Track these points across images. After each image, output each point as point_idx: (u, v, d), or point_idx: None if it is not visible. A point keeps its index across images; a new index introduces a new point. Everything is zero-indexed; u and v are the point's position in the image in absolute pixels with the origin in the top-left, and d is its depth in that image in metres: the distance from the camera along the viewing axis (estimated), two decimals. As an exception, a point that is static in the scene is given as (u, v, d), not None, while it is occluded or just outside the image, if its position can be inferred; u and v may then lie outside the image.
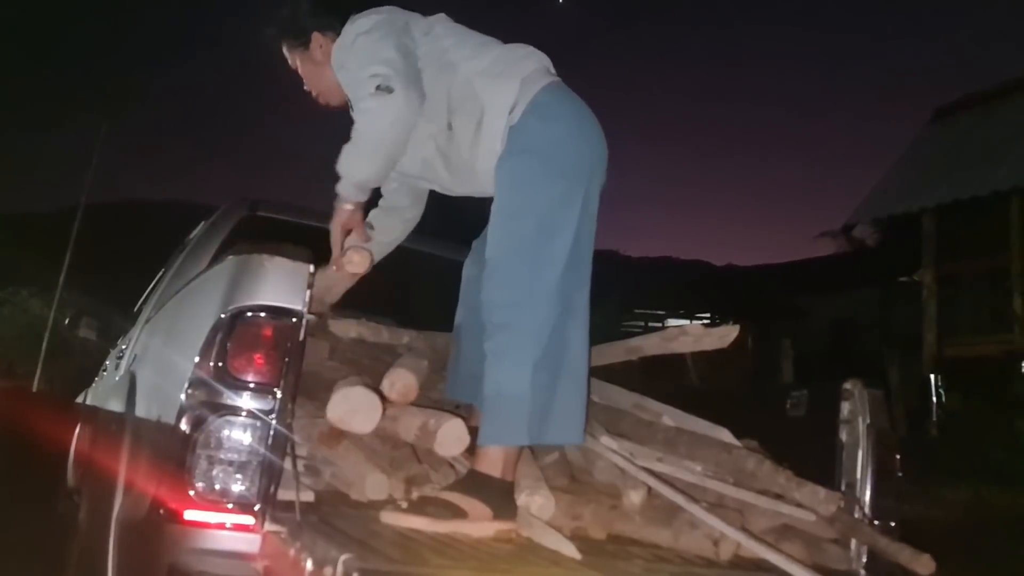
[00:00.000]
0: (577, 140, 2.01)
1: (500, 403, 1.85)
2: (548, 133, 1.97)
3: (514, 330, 1.87)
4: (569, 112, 2.04)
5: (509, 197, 1.97)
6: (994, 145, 9.15)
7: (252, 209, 3.24)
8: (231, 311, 1.66)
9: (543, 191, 1.94)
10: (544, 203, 1.93)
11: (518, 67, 2.03)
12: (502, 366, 1.86)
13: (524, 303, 1.88)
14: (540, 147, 1.96)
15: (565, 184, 1.95)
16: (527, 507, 1.80)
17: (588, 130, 2.05)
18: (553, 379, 1.87)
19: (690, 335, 2.15)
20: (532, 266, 1.90)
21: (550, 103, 2.00)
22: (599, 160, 2.04)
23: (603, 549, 1.80)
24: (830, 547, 2.05)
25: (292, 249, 1.69)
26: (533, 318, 1.87)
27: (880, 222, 12.85)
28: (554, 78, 2.08)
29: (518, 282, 1.89)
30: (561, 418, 1.90)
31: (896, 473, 2.13)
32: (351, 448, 1.94)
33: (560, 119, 2.00)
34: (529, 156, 1.95)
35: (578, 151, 2.00)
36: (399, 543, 1.54)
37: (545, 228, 1.92)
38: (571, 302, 1.94)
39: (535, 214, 1.93)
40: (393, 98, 1.92)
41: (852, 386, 2.16)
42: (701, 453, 2.11)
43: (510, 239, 1.94)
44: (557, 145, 1.97)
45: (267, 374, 1.64)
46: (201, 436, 1.61)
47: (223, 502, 1.59)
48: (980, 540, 4.81)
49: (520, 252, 1.91)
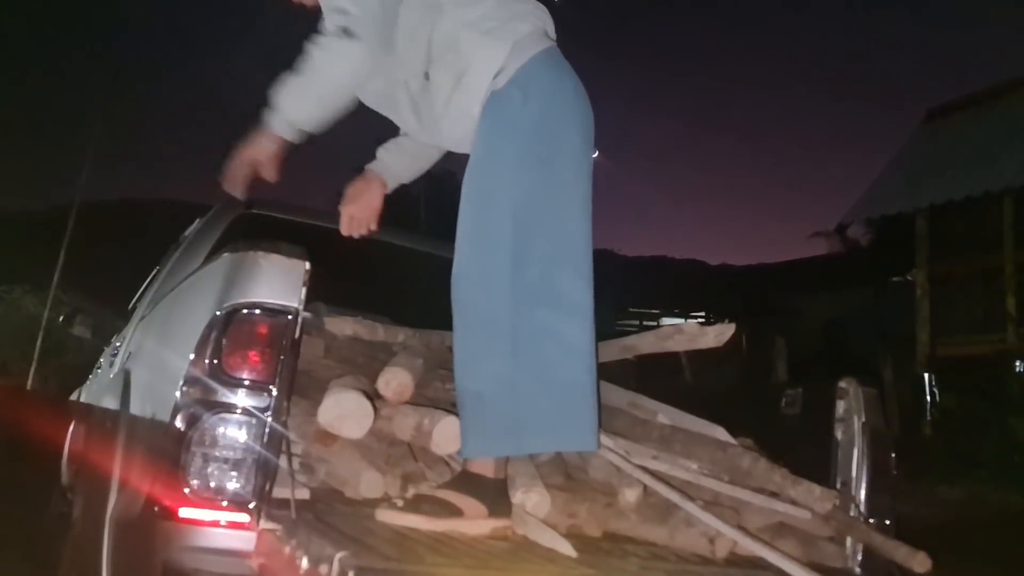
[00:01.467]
0: (558, 123, 1.85)
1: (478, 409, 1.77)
2: (529, 111, 1.81)
3: (482, 329, 1.76)
4: (555, 89, 1.87)
5: (480, 180, 1.84)
6: (986, 146, 9.19)
7: (248, 207, 3.23)
8: (226, 308, 1.65)
9: (518, 178, 1.80)
10: (517, 191, 1.79)
11: (510, 27, 1.87)
12: (469, 369, 1.78)
13: (496, 300, 1.76)
14: (518, 127, 1.81)
15: (543, 171, 1.81)
16: (522, 505, 1.81)
17: (571, 111, 1.89)
18: (539, 381, 1.75)
19: (685, 334, 2.15)
20: (503, 260, 1.76)
21: (537, 76, 1.84)
22: (583, 141, 1.89)
23: (599, 547, 1.80)
24: (826, 545, 2.05)
25: (287, 247, 1.69)
26: (505, 317, 1.74)
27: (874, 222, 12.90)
28: (549, 44, 1.92)
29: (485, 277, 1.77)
30: (559, 423, 1.77)
31: (891, 471, 2.14)
32: (346, 446, 1.94)
33: (543, 96, 1.84)
34: (506, 137, 1.81)
35: (561, 134, 1.85)
36: (395, 541, 1.54)
37: (517, 218, 1.77)
38: (562, 299, 1.78)
39: (507, 202, 1.79)
40: (352, 46, 1.78)
41: (847, 384, 2.16)
42: (696, 451, 2.11)
43: (478, 229, 1.81)
44: (537, 126, 1.82)
45: (262, 372, 1.63)
46: (196, 434, 1.60)
47: (218, 500, 1.58)
48: (975, 538, 4.83)
49: (489, 245, 1.78)
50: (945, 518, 5.30)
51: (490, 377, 1.75)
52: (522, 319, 1.75)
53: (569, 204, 1.84)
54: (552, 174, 1.83)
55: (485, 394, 1.75)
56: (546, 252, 1.79)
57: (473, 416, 1.78)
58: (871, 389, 2.16)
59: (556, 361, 1.77)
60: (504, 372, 1.74)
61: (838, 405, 2.16)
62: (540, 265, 1.77)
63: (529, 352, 1.75)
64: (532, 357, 1.75)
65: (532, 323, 1.76)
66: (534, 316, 1.76)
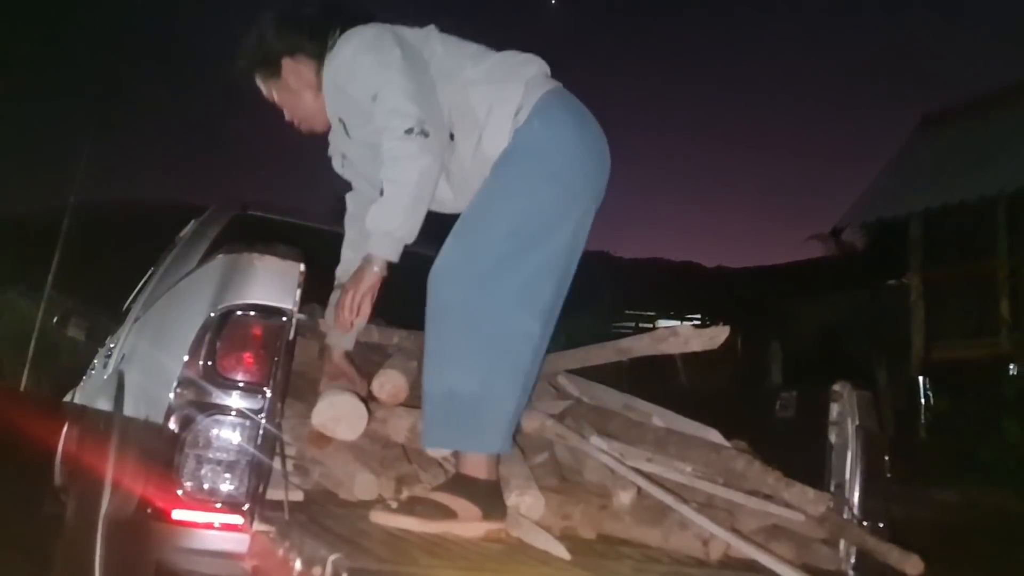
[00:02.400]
0: (579, 148, 1.93)
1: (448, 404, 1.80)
2: (551, 137, 1.89)
3: (461, 329, 1.79)
4: (573, 119, 1.95)
5: (490, 189, 1.88)
6: (981, 151, 9.21)
7: (243, 208, 3.23)
8: (220, 310, 1.66)
9: (533, 193, 1.86)
10: (521, 202, 1.86)
11: (520, 71, 1.96)
12: (443, 370, 1.81)
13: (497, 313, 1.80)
14: (541, 149, 1.88)
15: (560, 190, 1.88)
16: (517, 507, 1.80)
17: (591, 140, 1.96)
18: (519, 389, 1.82)
19: (680, 336, 2.15)
20: (497, 268, 1.80)
21: (555, 106, 1.93)
22: (600, 171, 1.96)
23: (593, 549, 1.80)
24: (819, 547, 2.06)
25: (282, 248, 1.69)
26: (485, 318, 1.79)
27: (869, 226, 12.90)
28: (556, 83, 2.00)
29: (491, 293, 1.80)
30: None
31: (885, 474, 2.15)
32: (340, 448, 1.93)
33: (564, 124, 1.92)
34: (528, 157, 1.88)
35: (579, 159, 1.92)
36: (388, 543, 1.54)
37: (523, 232, 1.83)
38: (550, 315, 1.87)
39: (509, 211, 1.85)
40: (429, 143, 1.81)
41: (841, 387, 2.17)
42: (691, 453, 2.11)
43: (481, 234, 1.85)
44: (558, 150, 1.89)
45: (256, 373, 1.64)
46: (189, 435, 1.60)
47: (211, 501, 1.59)
48: (969, 541, 4.83)
49: (488, 251, 1.82)
50: (939, 521, 5.30)
51: (464, 375, 1.79)
52: (502, 322, 1.80)
53: (575, 226, 1.89)
54: (567, 195, 1.89)
55: (457, 391, 1.79)
56: (542, 264, 1.84)
57: (441, 410, 1.81)
58: (865, 392, 2.17)
59: (527, 365, 1.84)
60: (479, 372, 1.78)
61: (832, 408, 2.16)
62: (527, 274, 1.82)
63: (505, 355, 1.80)
64: (508, 359, 1.81)
65: (511, 327, 1.81)
66: (514, 320, 1.81)
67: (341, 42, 1.98)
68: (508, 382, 1.81)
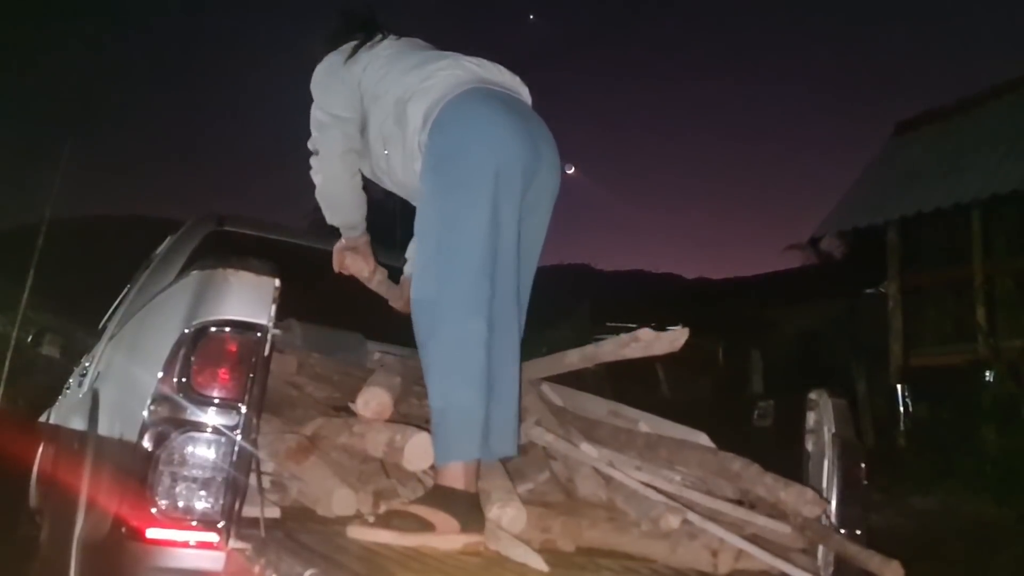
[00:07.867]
0: (477, 147, 1.93)
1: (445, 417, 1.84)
2: (445, 144, 1.94)
3: (431, 346, 1.86)
4: (470, 119, 1.97)
5: (419, 214, 2.01)
6: (956, 158, 9.30)
7: (219, 224, 3.21)
8: (195, 326, 1.64)
9: (440, 205, 1.93)
10: (442, 217, 1.92)
11: (430, 84, 2.02)
12: (432, 380, 1.86)
13: (438, 320, 1.86)
14: (438, 160, 1.95)
15: (470, 195, 1.90)
16: (498, 520, 1.79)
17: (494, 135, 1.95)
18: (482, 392, 1.85)
19: (641, 341, 2.16)
20: (439, 282, 1.88)
21: (451, 114, 1.96)
22: (512, 163, 1.94)
23: (571, 561, 1.80)
24: (799, 557, 2.06)
25: (257, 263, 1.68)
26: (448, 334, 1.85)
27: (846, 234, 13.01)
28: (471, 85, 2.02)
29: (428, 302, 1.88)
30: (497, 432, 1.93)
31: (862, 481, 2.15)
32: (318, 463, 1.92)
33: (457, 127, 1.95)
34: (431, 172, 1.96)
35: (479, 158, 1.92)
36: (365, 558, 1.53)
37: (444, 243, 1.89)
38: (493, 315, 1.89)
39: (435, 230, 1.93)
40: (316, 160, 2.19)
41: (817, 396, 2.18)
42: (685, 456, 2.11)
43: (421, 257, 1.97)
44: (452, 156, 1.93)
45: (231, 389, 1.62)
46: (164, 453, 1.58)
47: (186, 519, 1.56)
48: (948, 547, 4.86)
49: (427, 269, 1.92)
50: (918, 528, 5.33)
51: (432, 388, 1.86)
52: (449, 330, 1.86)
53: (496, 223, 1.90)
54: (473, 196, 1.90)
55: (432, 405, 1.86)
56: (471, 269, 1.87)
57: (449, 428, 1.83)
58: (841, 400, 2.18)
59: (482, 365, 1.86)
60: (437, 382, 1.85)
61: (808, 417, 2.18)
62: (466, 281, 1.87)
63: (458, 361, 1.85)
64: (460, 364, 1.85)
65: (456, 333, 1.85)
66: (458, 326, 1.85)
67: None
68: (466, 386, 1.83)
